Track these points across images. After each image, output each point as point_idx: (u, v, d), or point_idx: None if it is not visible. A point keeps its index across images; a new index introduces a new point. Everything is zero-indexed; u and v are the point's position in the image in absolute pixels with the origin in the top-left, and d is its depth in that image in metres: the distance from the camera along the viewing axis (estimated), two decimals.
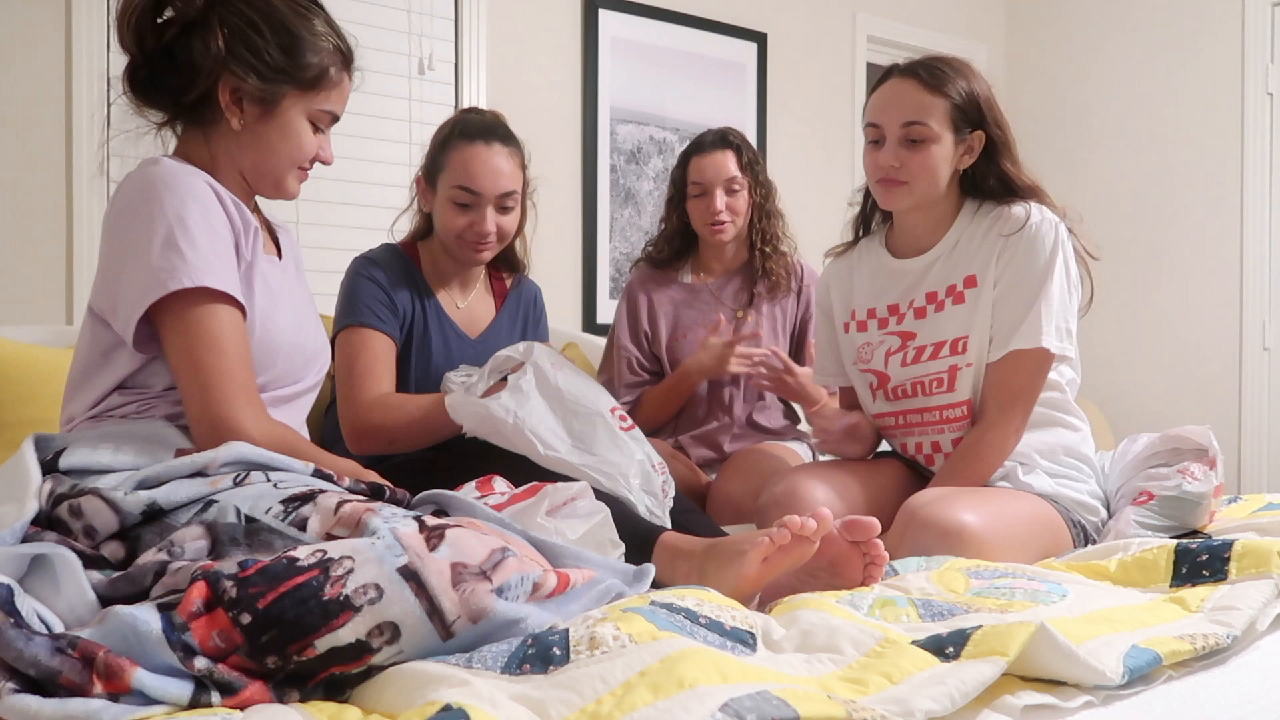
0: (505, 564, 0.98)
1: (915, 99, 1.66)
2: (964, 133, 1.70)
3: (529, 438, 1.56)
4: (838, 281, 1.93)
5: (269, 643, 0.87)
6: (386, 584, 0.91)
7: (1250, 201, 3.77)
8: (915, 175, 1.68)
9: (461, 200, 1.84)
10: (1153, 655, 1.01)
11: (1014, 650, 0.92)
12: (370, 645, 0.89)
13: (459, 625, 0.92)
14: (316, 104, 1.38)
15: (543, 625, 0.97)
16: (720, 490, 2.08)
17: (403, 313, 1.88)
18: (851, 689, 0.91)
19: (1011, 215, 1.70)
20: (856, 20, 4.08)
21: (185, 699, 0.85)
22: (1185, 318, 3.90)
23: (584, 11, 3.40)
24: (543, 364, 1.64)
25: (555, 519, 1.35)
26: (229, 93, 1.32)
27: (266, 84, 1.33)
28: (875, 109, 1.71)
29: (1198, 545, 1.39)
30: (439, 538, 0.96)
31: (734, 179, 2.26)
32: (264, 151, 1.37)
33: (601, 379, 2.43)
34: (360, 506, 1.06)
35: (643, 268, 2.44)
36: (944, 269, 1.77)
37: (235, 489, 1.13)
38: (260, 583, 0.89)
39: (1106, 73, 4.18)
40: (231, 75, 1.31)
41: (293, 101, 1.36)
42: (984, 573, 1.33)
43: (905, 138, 1.67)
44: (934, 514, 1.52)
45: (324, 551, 0.93)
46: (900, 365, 1.78)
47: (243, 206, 1.36)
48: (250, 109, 1.34)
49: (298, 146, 1.38)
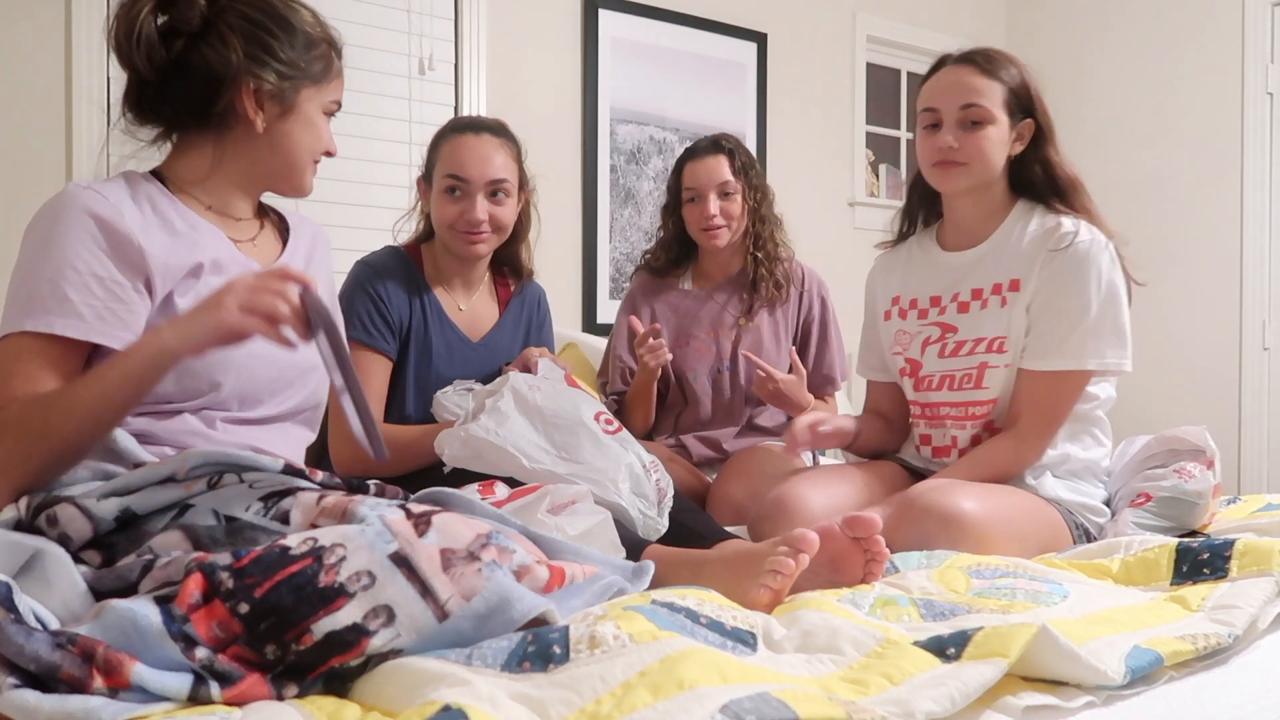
0: (487, 549, 0.99)
1: (973, 82, 1.69)
2: (1017, 118, 1.73)
3: (512, 453, 1.55)
4: (883, 272, 1.93)
5: (268, 630, 0.88)
6: (379, 570, 0.92)
7: (1250, 201, 3.76)
8: (973, 156, 1.70)
9: (451, 187, 1.86)
10: (1154, 656, 1.01)
11: (1015, 652, 0.92)
12: (367, 628, 0.90)
13: (453, 604, 0.93)
14: (327, 95, 1.38)
15: (536, 608, 0.97)
16: (721, 491, 2.08)
17: (399, 321, 1.88)
18: (852, 690, 0.91)
19: (1061, 229, 1.70)
20: (856, 20, 4.08)
21: (185, 692, 0.85)
22: (1185, 318, 3.90)
23: (584, 11, 3.40)
24: (519, 387, 1.65)
25: (556, 517, 1.35)
26: (252, 97, 1.31)
27: (285, 81, 1.32)
28: (932, 94, 1.73)
29: (1199, 544, 1.39)
30: (426, 524, 0.98)
31: (727, 183, 2.27)
32: (286, 150, 1.36)
33: (600, 383, 2.44)
34: (343, 499, 1.07)
35: (643, 275, 2.45)
36: (991, 266, 1.76)
37: (210, 492, 1.12)
38: (255, 572, 0.90)
39: (1106, 72, 4.18)
40: (252, 78, 1.30)
41: (309, 95, 1.35)
42: (985, 572, 1.32)
43: (964, 120, 1.69)
44: (934, 500, 1.52)
45: (314, 540, 0.94)
46: (937, 356, 1.79)
47: (197, 223, 1.31)
48: (270, 109, 1.33)
49: (317, 139, 1.38)
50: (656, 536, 1.55)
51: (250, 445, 1.29)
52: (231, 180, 1.36)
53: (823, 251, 2.64)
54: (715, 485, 2.12)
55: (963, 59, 1.73)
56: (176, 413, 1.26)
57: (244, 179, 1.37)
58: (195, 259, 1.28)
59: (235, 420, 1.31)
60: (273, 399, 1.35)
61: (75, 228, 1.21)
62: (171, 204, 1.31)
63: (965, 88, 1.69)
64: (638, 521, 1.56)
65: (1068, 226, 1.70)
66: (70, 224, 1.21)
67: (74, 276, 1.19)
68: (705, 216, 2.26)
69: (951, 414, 1.79)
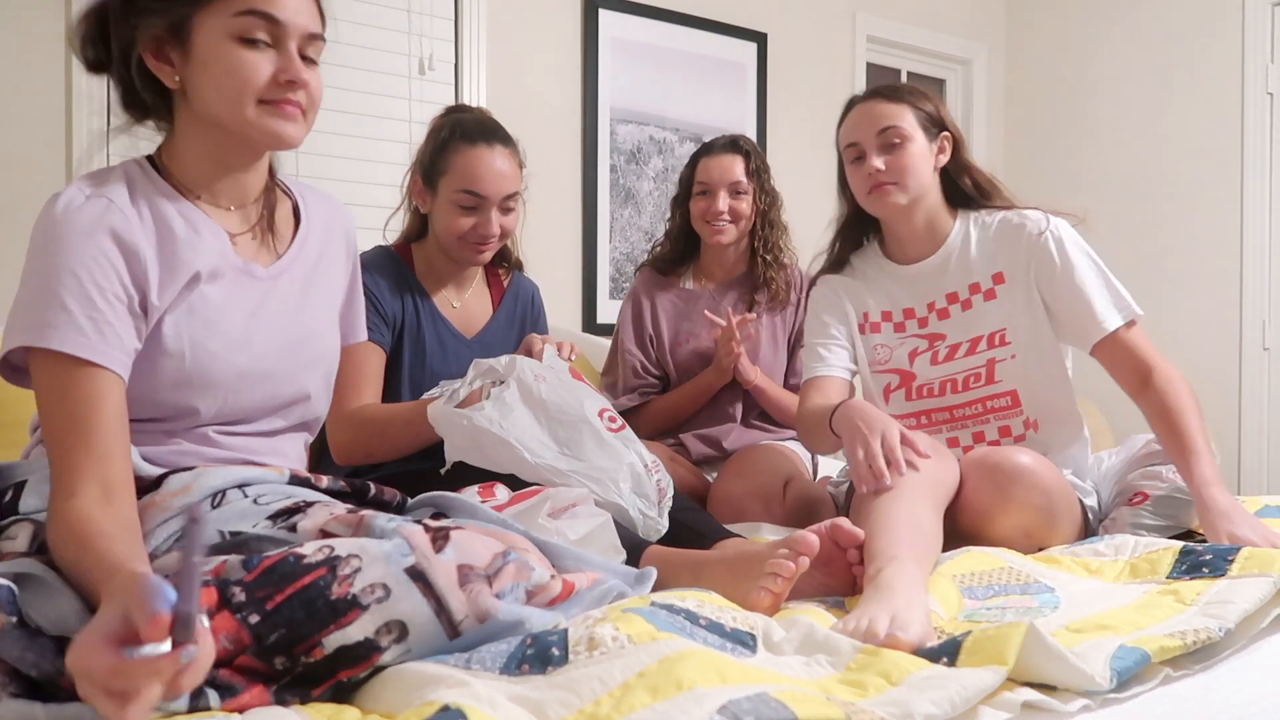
0: (505, 570, 0.98)
1: (884, 109, 1.80)
2: (932, 134, 1.81)
3: (514, 445, 1.53)
4: (845, 287, 1.93)
5: (277, 642, 0.87)
6: (394, 583, 0.91)
7: (1250, 201, 3.76)
8: (901, 174, 1.77)
9: (466, 204, 1.84)
10: (1141, 654, 1.01)
11: (1012, 657, 0.92)
12: (379, 644, 0.89)
13: (466, 625, 0.92)
14: (229, 10, 1.12)
15: (545, 626, 0.97)
16: (721, 490, 2.08)
17: (392, 317, 1.87)
18: (851, 691, 0.91)
19: (1029, 218, 1.80)
20: (856, 20, 4.08)
21: (184, 704, 0.84)
22: (1185, 318, 3.90)
23: (584, 11, 3.40)
24: (526, 378, 1.63)
25: (556, 521, 1.35)
26: (150, 52, 1.14)
27: (164, 17, 1.12)
28: (850, 130, 1.85)
29: (1204, 547, 1.39)
30: (444, 539, 0.96)
31: (739, 183, 2.31)
32: (207, 98, 1.15)
33: (605, 382, 2.44)
34: (352, 519, 1.05)
35: (646, 272, 2.47)
36: (960, 270, 1.82)
37: (214, 511, 1.11)
38: (268, 584, 0.89)
39: (1106, 72, 4.17)
40: (140, 32, 1.13)
41: (201, 22, 1.13)
42: (977, 589, 1.31)
43: (884, 143, 1.78)
44: (999, 457, 1.56)
45: (331, 548, 0.93)
46: (930, 364, 1.82)
47: (195, 217, 1.21)
48: (177, 59, 1.14)
49: (231, 72, 1.12)
50: (657, 537, 1.55)
51: (248, 454, 1.26)
52: (202, 160, 1.21)
53: (822, 251, 2.64)
54: (716, 484, 2.12)
55: (869, 94, 1.87)
56: (168, 434, 1.21)
57: (206, 150, 1.21)
58: (193, 269, 1.19)
59: (228, 432, 1.26)
60: (264, 419, 1.28)
61: (90, 241, 1.13)
62: (170, 200, 1.20)
63: (878, 115, 1.80)
64: (638, 522, 1.55)
65: (1033, 215, 1.80)
66: (82, 234, 1.13)
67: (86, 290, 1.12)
68: (713, 212, 2.29)
69: (969, 412, 1.81)
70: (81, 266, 1.11)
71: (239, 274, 1.24)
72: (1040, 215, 1.79)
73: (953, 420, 1.81)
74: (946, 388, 1.81)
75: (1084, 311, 1.74)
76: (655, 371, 2.39)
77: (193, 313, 1.19)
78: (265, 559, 0.91)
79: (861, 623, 1.09)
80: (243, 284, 1.24)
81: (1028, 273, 1.77)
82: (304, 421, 1.35)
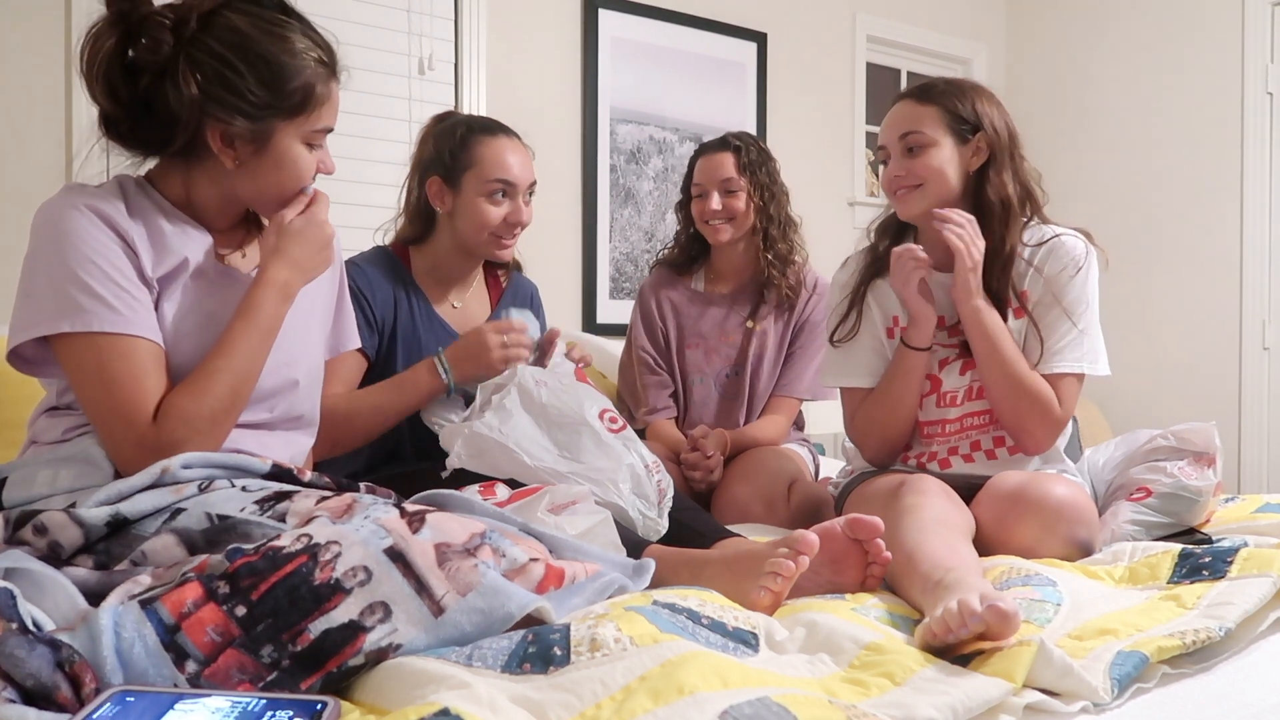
0: (482, 550, 1.00)
1: (909, 112, 1.78)
2: (965, 136, 1.76)
3: (514, 450, 1.55)
4: (877, 291, 1.89)
5: (264, 632, 0.88)
6: (374, 565, 0.93)
7: (1250, 201, 3.76)
8: (922, 177, 1.75)
9: (497, 192, 1.86)
10: (1140, 657, 1.01)
11: (1020, 677, 0.93)
12: (363, 624, 0.90)
13: (448, 599, 0.94)
14: (309, 125, 1.31)
15: (530, 604, 0.97)
16: (725, 493, 2.08)
17: (381, 319, 1.86)
18: (853, 691, 0.91)
19: (1070, 250, 1.75)
20: (856, 20, 4.08)
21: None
22: (1185, 317, 3.90)
23: (584, 11, 3.40)
24: (526, 383, 1.64)
25: (556, 516, 1.35)
26: (219, 137, 1.26)
27: (254, 122, 1.26)
28: (881, 133, 1.84)
29: (1203, 549, 1.39)
30: (420, 521, 0.99)
31: (730, 180, 2.28)
32: (264, 184, 1.32)
33: (623, 381, 2.42)
34: (341, 501, 1.08)
35: (659, 271, 2.46)
36: None
37: (202, 495, 1.12)
38: (250, 575, 0.91)
39: (1106, 72, 4.17)
40: (216, 120, 1.25)
41: (285, 131, 1.29)
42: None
43: (905, 148, 1.78)
44: (1037, 491, 1.56)
45: (309, 536, 0.95)
46: (958, 374, 1.79)
47: (183, 223, 1.31)
48: (243, 147, 1.28)
49: (297, 175, 1.33)
50: (657, 537, 1.55)
51: (234, 445, 1.29)
52: (209, 203, 1.34)
53: (822, 251, 2.63)
54: (720, 486, 2.12)
55: (903, 94, 1.84)
56: None
57: (222, 203, 1.34)
58: (183, 255, 1.29)
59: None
60: (249, 409, 1.32)
61: (90, 229, 1.23)
62: (160, 207, 1.30)
63: (902, 119, 1.79)
64: (638, 522, 1.56)
65: (1071, 245, 1.75)
66: (80, 225, 1.22)
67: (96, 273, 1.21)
68: (708, 211, 2.29)
69: (975, 423, 1.79)
70: (98, 254, 1.21)
71: (222, 275, 1.34)
72: (1081, 247, 1.76)
73: (961, 430, 1.79)
74: (966, 396, 1.79)
75: (1048, 339, 1.73)
76: (665, 366, 2.38)
77: (178, 302, 1.28)
78: (243, 556, 0.93)
79: (951, 605, 1.03)
80: (225, 284, 1.34)
81: (1046, 293, 1.75)
82: (294, 416, 1.40)
